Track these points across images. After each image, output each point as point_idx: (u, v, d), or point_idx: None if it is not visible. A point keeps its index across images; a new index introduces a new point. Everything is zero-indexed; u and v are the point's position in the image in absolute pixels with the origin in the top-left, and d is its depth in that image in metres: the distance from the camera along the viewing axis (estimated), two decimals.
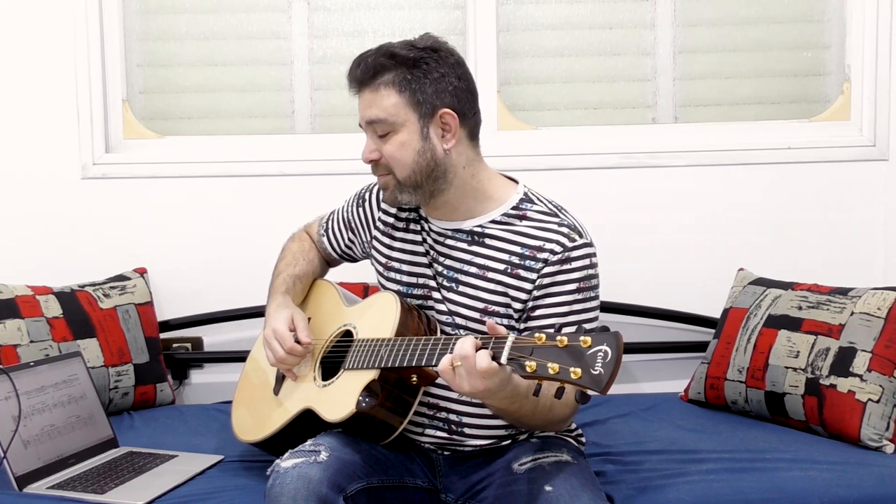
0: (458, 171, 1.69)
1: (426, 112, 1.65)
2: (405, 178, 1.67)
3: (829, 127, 2.67)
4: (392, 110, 1.65)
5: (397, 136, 1.66)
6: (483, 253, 1.71)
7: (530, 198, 1.74)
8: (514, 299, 1.68)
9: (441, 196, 1.70)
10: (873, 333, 2.06)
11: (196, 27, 2.71)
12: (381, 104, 1.65)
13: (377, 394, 1.62)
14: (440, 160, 1.67)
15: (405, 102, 1.64)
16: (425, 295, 1.76)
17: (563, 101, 2.72)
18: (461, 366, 1.42)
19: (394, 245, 1.83)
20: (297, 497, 1.50)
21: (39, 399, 1.93)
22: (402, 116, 1.65)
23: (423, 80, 1.63)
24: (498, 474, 1.68)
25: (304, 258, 1.98)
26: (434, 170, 1.67)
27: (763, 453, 1.96)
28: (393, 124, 1.65)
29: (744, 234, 2.64)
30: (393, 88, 1.64)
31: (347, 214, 1.95)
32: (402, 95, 1.64)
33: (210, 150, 2.68)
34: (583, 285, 1.66)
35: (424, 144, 1.66)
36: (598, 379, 1.29)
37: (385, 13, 2.70)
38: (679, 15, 2.70)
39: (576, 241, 1.66)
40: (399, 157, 1.66)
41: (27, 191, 2.64)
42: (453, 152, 1.67)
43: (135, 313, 2.47)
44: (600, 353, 1.31)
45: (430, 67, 1.64)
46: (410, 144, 1.66)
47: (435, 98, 1.64)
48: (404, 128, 1.65)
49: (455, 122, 1.66)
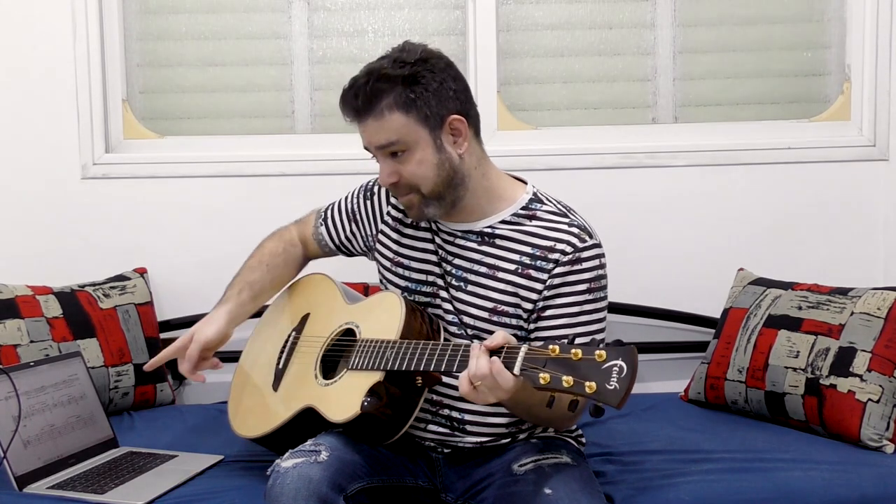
0: (472, 174, 1.70)
1: (435, 125, 1.64)
2: (430, 191, 1.67)
3: (829, 127, 2.67)
4: (403, 131, 1.63)
5: (414, 155, 1.65)
6: (493, 253, 1.71)
7: (539, 198, 1.74)
8: (524, 299, 1.68)
9: (461, 202, 1.70)
10: (873, 333, 2.06)
11: (196, 27, 2.71)
12: (390, 128, 1.63)
13: (381, 396, 1.62)
14: (457, 167, 1.67)
15: (413, 121, 1.63)
16: (432, 293, 1.76)
17: (563, 101, 2.72)
18: (482, 384, 1.42)
19: (402, 241, 1.83)
20: (297, 497, 1.50)
21: (39, 399, 1.93)
22: (414, 135, 1.63)
23: (424, 94, 1.62)
24: (498, 475, 1.69)
25: (269, 260, 1.95)
26: (453, 178, 1.67)
27: (763, 453, 1.96)
28: (406, 143, 1.64)
29: (744, 234, 2.64)
30: (398, 111, 1.62)
31: (352, 206, 1.93)
32: (409, 115, 1.62)
33: (210, 150, 2.68)
34: (593, 285, 1.66)
35: (441, 156, 1.66)
36: (613, 394, 1.30)
37: (385, 13, 2.70)
38: (679, 15, 2.69)
39: (586, 242, 1.66)
40: (420, 173, 1.65)
41: (27, 191, 2.64)
42: (466, 155, 1.68)
43: (135, 313, 2.47)
44: (616, 367, 1.31)
45: (427, 80, 1.62)
46: (428, 160, 1.65)
47: (440, 108, 1.64)
48: (418, 145, 1.64)
49: (464, 125, 1.66)
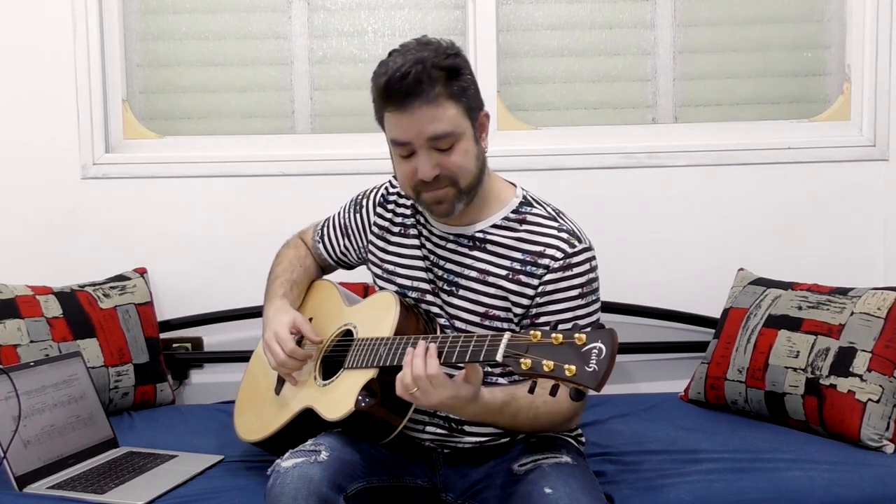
0: (486, 170, 1.72)
1: (475, 117, 1.66)
2: (468, 184, 1.66)
3: (829, 127, 2.67)
4: (455, 121, 1.62)
5: (461, 146, 1.64)
6: (484, 258, 1.71)
7: (529, 201, 1.74)
8: (514, 304, 1.68)
9: (477, 199, 1.71)
10: (873, 333, 2.06)
11: (196, 27, 2.71)
12: (444, 117, 1.61)
13: (376, 392, 1.62)
14: (484, 161, 1.70)
15: (462, 111, 1.63)
16: (420, 299, 1.77)
17: (563, 101, 2.72)
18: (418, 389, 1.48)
19: (389, 249, 1.84)
20: (297, 497, 1.50)
21: (39, 399, 1.93)
22: (463, 126, 1.64)
23: (467, 87, 1.64)
24: (498, 475, 1.69)
25: (300, 264, 1.98)
26: (482, 172, 1.69)
27: (763, 453, 1.96)
28: (457, 135, 1.63)
29: (744, 234, 2.64)
30: (451, 100, 1.61)
31: (343, 220, 1.95)
32: (458, 106, 1.62)
33: (210, 150, 2.68)
34: (585, 290, 1.67)
35: (478, 149, 1.68)
36: (592, 375, 1.30)
37: (385, 13, 2.70)
38: (679, 15, 2.70)
39: (576, 247, 1.67)
40: (465, 165, 1.65)
41: (27, 191, 2.64)
42: (486, 151, 1.71)
43: (135, 313, 2.47)
44: (595, 349, 1.31)
45: (464, 72, 1.64)
46: (471, 151, 1.65)
47: (477, 102, 1.67)
48: (464, 136, 1.64)
49: (488, 121, 1.70)
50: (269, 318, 1.83)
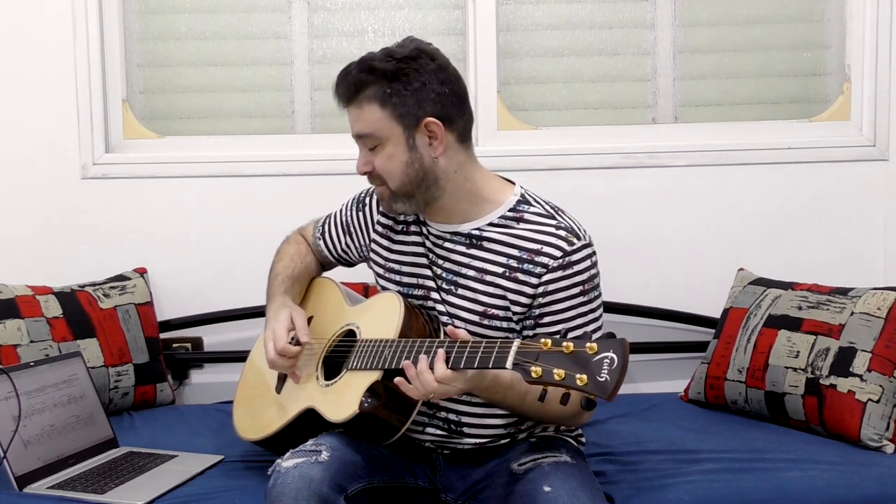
0: (451, 176, 1.69)
1: (410, 123, 1.65)
2: (397, 188, 1.69)
3: (829, 127, 2.67)
4: (377, 125, 1.65)
5: (385, 149, 1.67)
6: (481, 256, 1.71)
7: (527, 199, 1.74)
8: (513, 303, 1.68)
9: (436, 202, 1.71)
10: (873, 333, 2.06)
11: (196, 27, 2.71)
12: (366, 119, 1.66)
13: (380, 395, 1.62)
14: (429, 168, 1.67)
15: (388, 116, 1.64)
16: (424, 296, 1.76)
17: (563, 101, 2.72)
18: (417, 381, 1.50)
19: (392, 248, 1.83)
20: (298, 497, 1.51)
21: (39, 399, 1.93)
22: (387, 130, 1.65)
23: (402, 92, 1.63)
24: (497, 475, 1.69)
25: (300, 261, 1.99)
26: (424, 178, 1.67)
27: (763, 453, 1.96)
28: (379, 138, 1.66)
29: (744, 234, 2.64)
30: (375, 103, 1.64)
31: (346, 218, 1.95)
32: (384, 110, 1.64)
33: (210, 150, 2.68)
34: (586, 287, 1.67)
35: (412, 155, 1.66)
36: (603, 386, 1.29)
37: (385, 13, 2.70)
38: (679, 15, 2.69)
39: (574, 245, 1.66)
40: (388, 168, 1.67)
41: (27, 191, 2.63)
42: (442, 159, 1.67)
43: (135, 313, 2.47)
44: (606, 359, 1.31)
45: (409, 79, 1.63)
46: (398, 156, 1.66)
47: (417, 109, 1.64)
48: (390, 140, 1.66)
49: (440, 130, 1.65)
50: (269, 316, 1.84)
